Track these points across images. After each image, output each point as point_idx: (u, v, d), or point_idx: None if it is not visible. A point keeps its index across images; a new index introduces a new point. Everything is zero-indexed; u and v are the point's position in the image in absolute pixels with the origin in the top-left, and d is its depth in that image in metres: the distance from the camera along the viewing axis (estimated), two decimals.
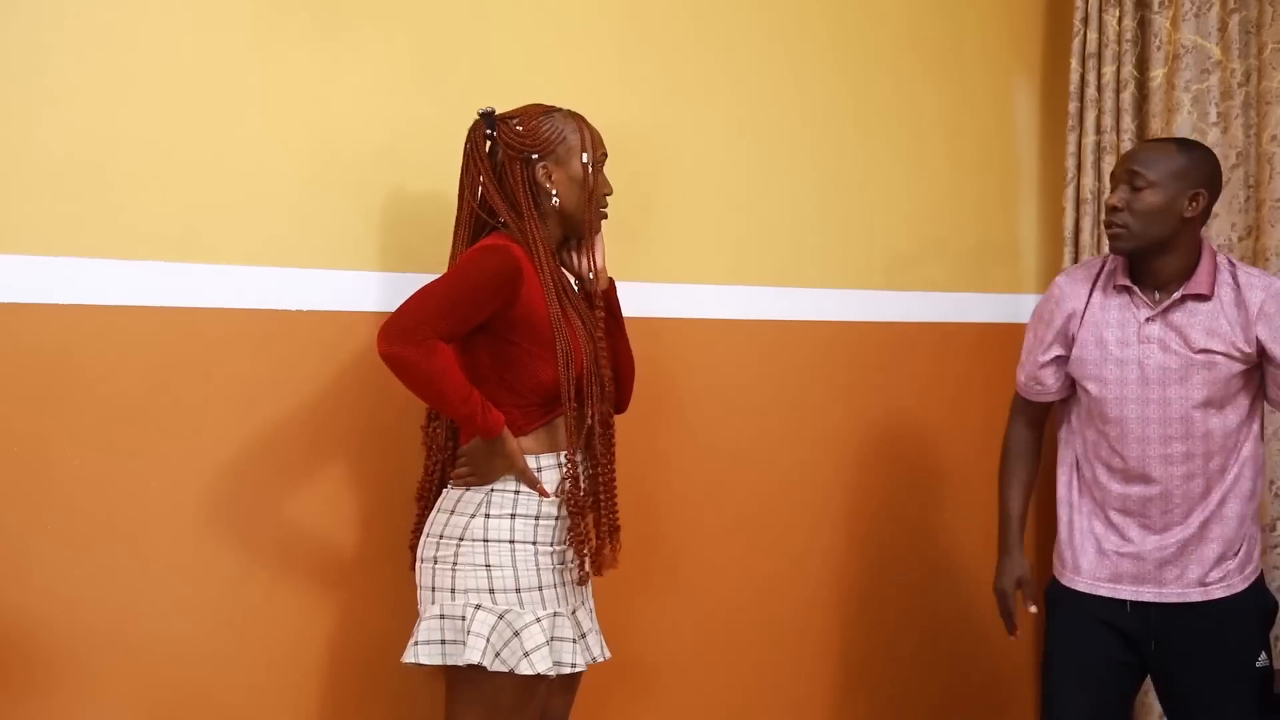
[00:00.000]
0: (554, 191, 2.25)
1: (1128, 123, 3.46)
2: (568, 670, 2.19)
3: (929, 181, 3.41)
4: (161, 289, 2.27)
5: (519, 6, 2.69)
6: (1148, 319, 2.45)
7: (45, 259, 2.16)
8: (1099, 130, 3.46)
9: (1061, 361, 2.57)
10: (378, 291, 2.48)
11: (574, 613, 2.23)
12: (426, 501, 2.31)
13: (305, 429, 2.42)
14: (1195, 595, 2.47)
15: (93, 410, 2.21)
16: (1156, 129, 3.42)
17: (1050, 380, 2.59)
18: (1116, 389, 2.47)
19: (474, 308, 2.15)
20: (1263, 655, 2.49)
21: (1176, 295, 2.43)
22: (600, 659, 2.27)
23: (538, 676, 2.14)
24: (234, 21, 2.34)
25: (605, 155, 2.32)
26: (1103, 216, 2.46)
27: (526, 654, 2.12)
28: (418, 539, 2.28)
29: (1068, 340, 2.55)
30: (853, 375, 3.24)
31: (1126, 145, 3.45)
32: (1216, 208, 3.38)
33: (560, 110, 2.29)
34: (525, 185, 2.25)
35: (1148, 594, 2.48)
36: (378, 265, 2.49)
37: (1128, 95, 3.47)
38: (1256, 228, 3.37)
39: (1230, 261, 2.49)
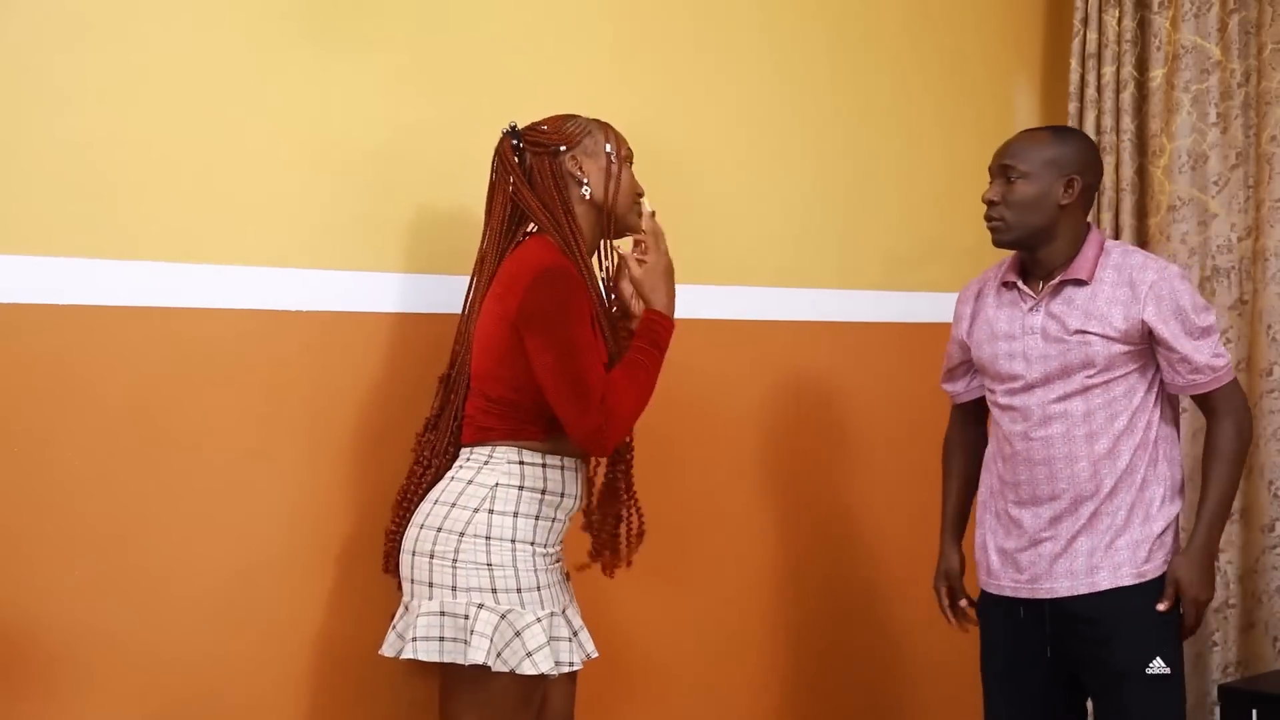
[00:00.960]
0: (585, 180, 2.27)
1: (1127, 123, 3.46)
2: (566, 669, 2.20)
3: (928, 181, 3.41)
4: (161, 289, 2.26)
5: (520, 7, 2.69)
6: (1030, 309, 2.49)
7: (45, 259, 2.16)
8: (1099, 131, 3.46)
9: (967, 366, 2.68)
10: (378, 292, 2.48)
11: (564, 611, 2.24)
12: (406, 511, 2.28)
13: (305, 429, 2.41)
14: (1083, 588, 2.44)
15: (93, 410, 2.21)
16: (1156, 129, 3.43)
17: (960, 385, 2.72)
18: (1008, 380, 2.51)
19: (592, 335, 2.17)
20: (1158, 660, 2.40)
21: (1054, 282, 2.47)
22: (591, 656, 2.28)
23: (538, 676, 2.15)
24: (234, 21, 2.34)
25: (631, 154, 2.33)
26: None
27: (529, 654, 2.12)
28: (394, 546, 2.28)
29: (966, 345, 2.64)
30: (853, 375, 3.24)
31: (1127, 146, 3.46)
32: (1216, 208, 3.39)
33: (584, 116, 2.32)
34: (556, 180, 2.26)
35: (1044, 591, 2.47)
36: (378, 266, 2.49)
37: (1127, 95, 3.47)
38: (1256, 228, 3.37)
39: (1124, 246, 2.54)
